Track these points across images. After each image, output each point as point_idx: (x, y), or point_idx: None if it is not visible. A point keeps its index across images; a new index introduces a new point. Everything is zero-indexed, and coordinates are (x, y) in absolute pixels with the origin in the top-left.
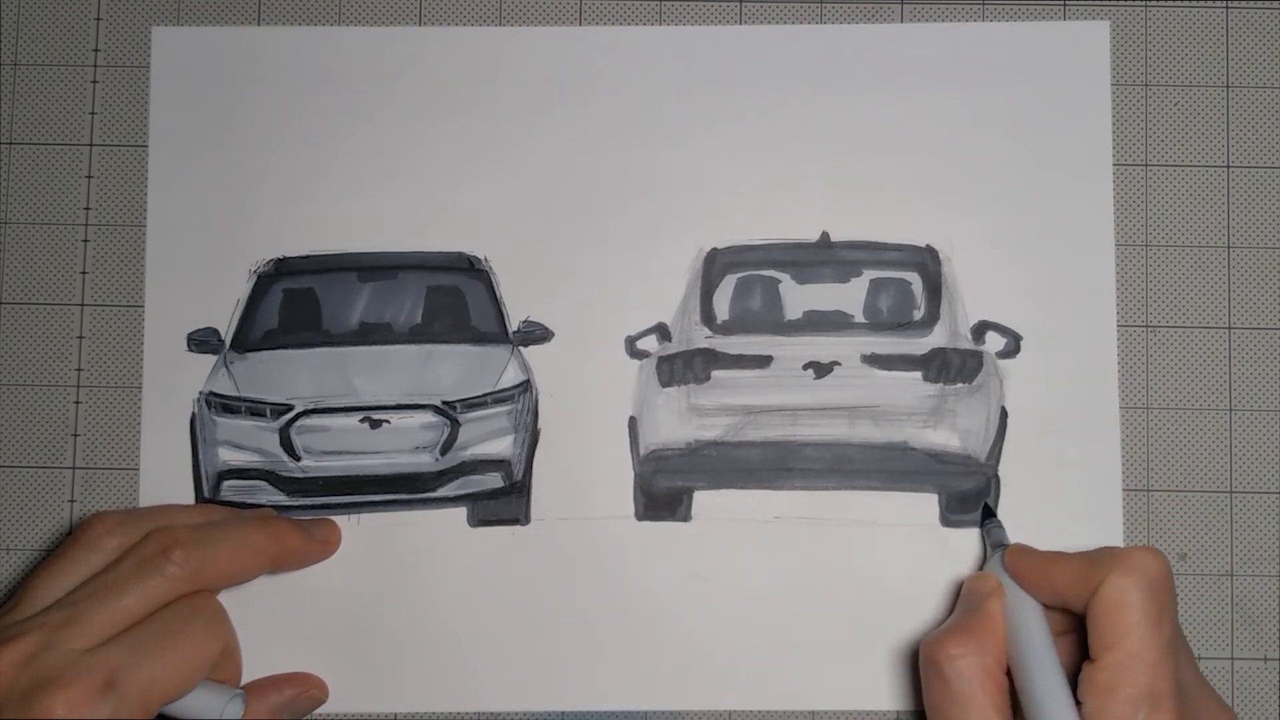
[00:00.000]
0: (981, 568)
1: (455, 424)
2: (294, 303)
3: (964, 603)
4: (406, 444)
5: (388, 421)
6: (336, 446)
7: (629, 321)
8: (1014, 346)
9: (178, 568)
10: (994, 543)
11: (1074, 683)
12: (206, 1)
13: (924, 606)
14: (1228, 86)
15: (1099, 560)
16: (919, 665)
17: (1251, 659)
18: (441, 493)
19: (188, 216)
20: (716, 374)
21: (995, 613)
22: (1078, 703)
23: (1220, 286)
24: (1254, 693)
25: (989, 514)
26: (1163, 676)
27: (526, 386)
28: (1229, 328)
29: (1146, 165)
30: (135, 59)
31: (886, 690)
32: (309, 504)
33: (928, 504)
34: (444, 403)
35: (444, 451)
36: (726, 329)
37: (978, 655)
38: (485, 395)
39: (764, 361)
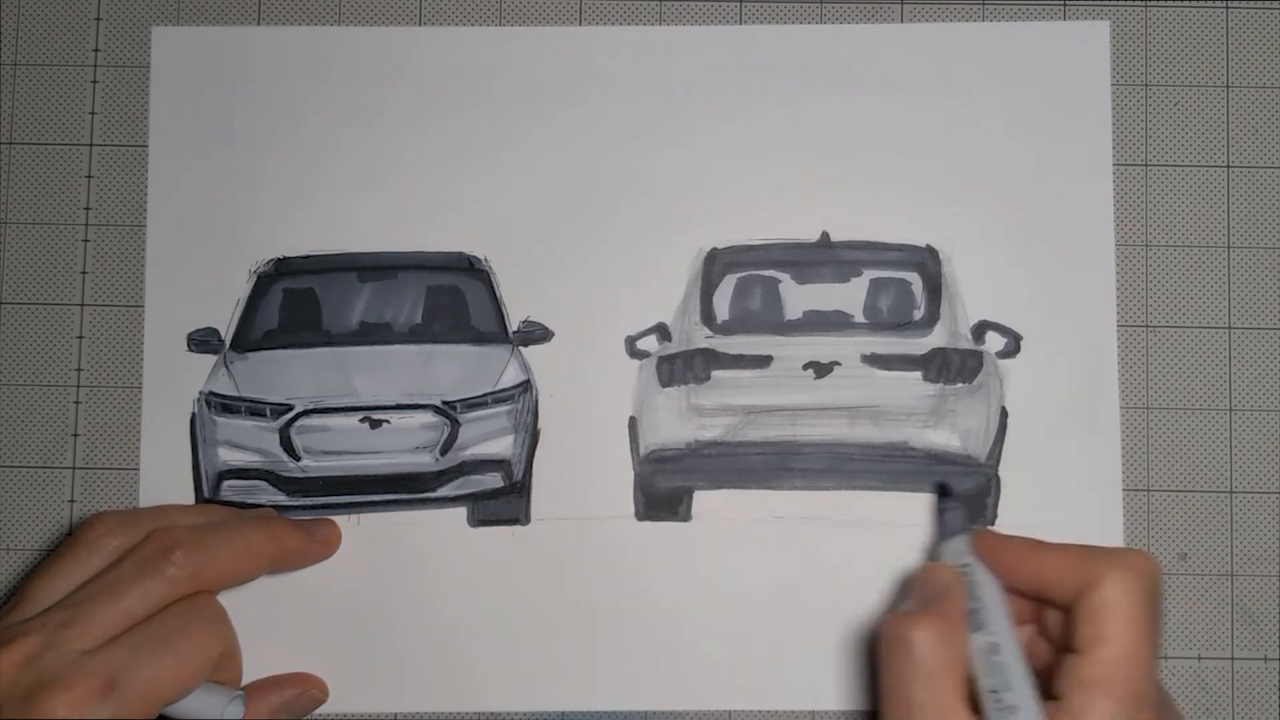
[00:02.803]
0: (936, 548)
1: (455, 424)
2: (294, 303)
3: (923, 588)
4: (406, 444)
5: (388, 421)
6: (336, 446)
7: (629, 321)
8: (1014, 346)
9: (178, 569)
10: (952, 526)
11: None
12: (206, 1)
13: None
14: (1228, 86)
15: (1096, 555)
16: (879, 645)
17: (1251, 659)
18: (441, 493)
19: (188, 216)
20: (716, 374)
21: (959, 602)
22: (1048, 696)
23: (1220, 286)
24: (1254, 693)
25: (945, 492)
26: (1151, 681)
27: (526, 386)
28: (1229, 328)
29: (1146, 165)
30: (135, 59)
31: None
32: (309, 504)
33: (928, 504)
34: (444, 403)
35: (444, 451)
36: (726, 329)
37: (948, 640)
38: (485, 395)
39: (764, 361)
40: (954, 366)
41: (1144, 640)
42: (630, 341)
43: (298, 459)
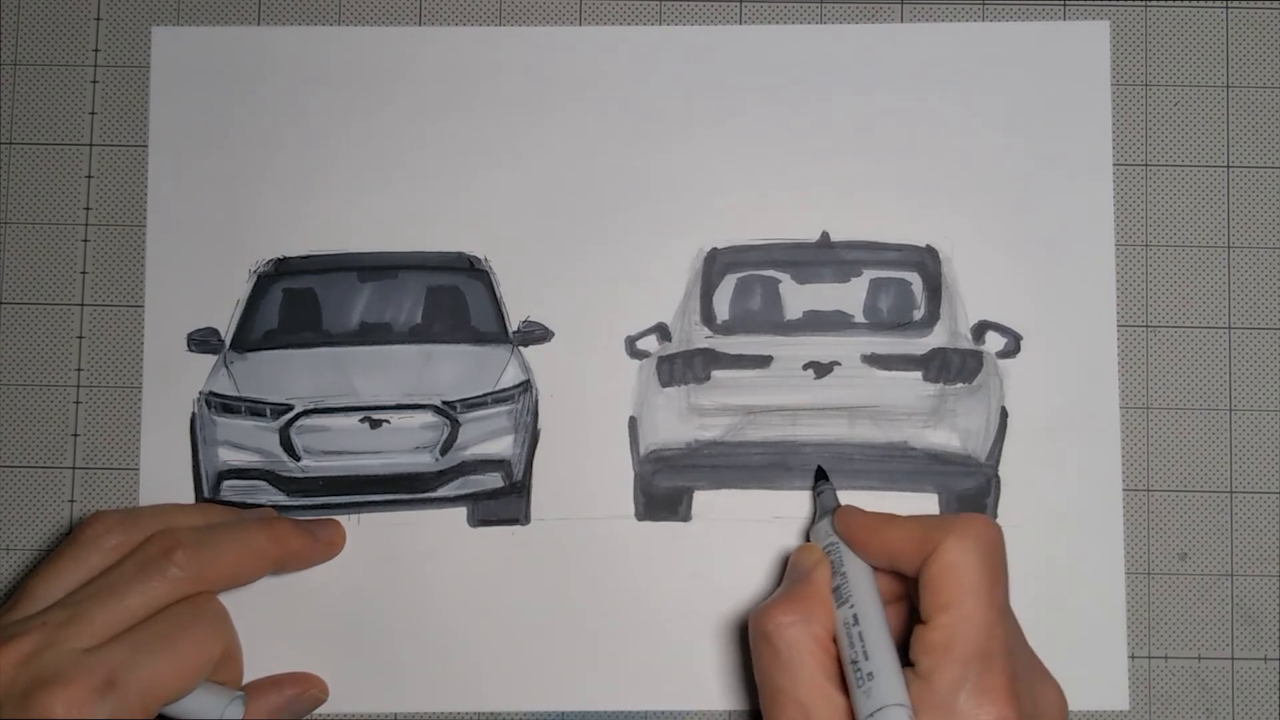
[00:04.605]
0: (810, 529)
1: (455, 424)
2: (294, 303)
3: (790, 574)
4: (406, 444)
5: (388, 421)
6: (336, 446)
7: (629, 321)
8: (1014, 346)
9: (180, 569)
10: (824, 506)
11: (902, 649)
12: (206, 1)
13: None
14: (1228, 86)
15: (936, 524)
16: (749, 638)
17: (1251, 659)
18: (441, 493)
19: (188, 216)
20: (716, 374)
21: (821, 582)
22: (908, 664)
23: (1220, 286)
24: (1254, 693)
25: (822, 476)
26: (996, 638)
27: (526, 386)
28: (1229, 328)
29: (1146, 165)
30: (135, 59)
31: None
32: (309, 504)
33: (928, 504)
34: (444, 403)
35: (444, 451)
36: (726, 329)
37: (806, 623)
38: (485, 395)
39: (764, 361)
40: (954, 366)
41: (984, 601)
42: (630, 341)
43: (298, 459)
